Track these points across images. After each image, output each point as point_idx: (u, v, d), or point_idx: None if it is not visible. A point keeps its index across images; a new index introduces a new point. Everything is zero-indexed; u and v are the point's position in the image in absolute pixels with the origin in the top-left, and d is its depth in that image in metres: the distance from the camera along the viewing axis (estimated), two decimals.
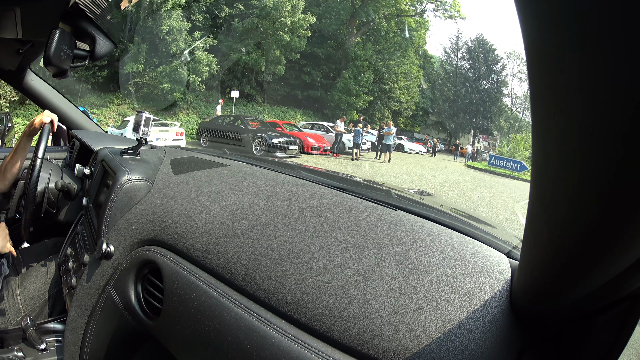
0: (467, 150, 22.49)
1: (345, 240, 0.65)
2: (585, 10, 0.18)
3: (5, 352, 0.99)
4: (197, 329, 0.63)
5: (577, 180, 0.24)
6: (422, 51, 26.50)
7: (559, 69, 0.21)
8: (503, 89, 27.57)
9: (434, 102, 27.36)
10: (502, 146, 23.96)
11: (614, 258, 0.27)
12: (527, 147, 22.52)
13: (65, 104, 1.86)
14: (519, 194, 10.31)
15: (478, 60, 27.23)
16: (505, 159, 19.58)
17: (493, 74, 27.41)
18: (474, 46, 27.53)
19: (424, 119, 27.36)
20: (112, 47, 1.08)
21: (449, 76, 28.09)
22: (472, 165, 19.72)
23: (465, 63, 27.91)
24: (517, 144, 22.50)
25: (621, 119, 0.19)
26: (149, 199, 0.97)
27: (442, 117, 27.75)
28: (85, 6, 1.02)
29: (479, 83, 27.36)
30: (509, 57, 27.28)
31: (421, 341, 0.46)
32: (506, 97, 27.94)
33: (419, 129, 27.01)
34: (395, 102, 24.05)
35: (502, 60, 27.33)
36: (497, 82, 27.39)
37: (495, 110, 27.36)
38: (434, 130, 28.13)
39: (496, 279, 0.53)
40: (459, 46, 27.76)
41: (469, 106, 27.23)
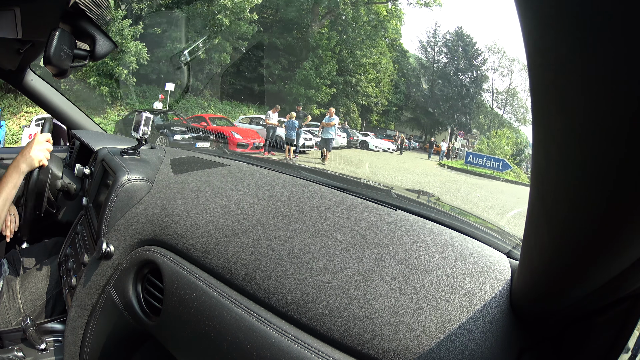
0: (442, 148, 20.58)
1: (345, 240, 0.65)
2: (586, 10, 0.18)
3: (5, 352, 0.99)
4: (197, 329, 0.63)
5: (578, 180, 0.24)
6: (398, 45, 25.31)
7: (559, 68, 0.21)
8: (483, 84, 26.57)
9: (409, 98, 26.28)
10: (482, 143, 22.55)
11: (614, 258, 0.27)
12: (509, 143, 21.18)
13: (65, 104, 1.86)
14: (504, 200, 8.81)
15: (457, 54, 26.15)
16: (484, 156, 17.78)
17: (473, 69, 26.36)
18: (452, 39, 26.40)
19: (397, 115, 26.12)
20: (112, 46, 1.08)
21: (425, 71, 26.95)
22: (446, 164, 18.24)
23: (442, 57, 26.77)
24: (498, 139, 20.94)
25: (622, 118, 0.19)
26: (148, 199, 0.97)
27: (417, 113, 26.67)
28: (85, 6, 1.02)
29: (457, 78, 26.32)
30: (490, 51, 26.27)
31: (421, 341, 0.46)
32: (486, 92, 26.94)
33: (393, 126, 25.97)
34: (363, 96, 22.09)
35: (483, 54, 26.33)
36: (477, 76, 26.41)
37: (475, 106, 26.41)
38: (409, 127, 27.04)
39: (496, 279, 0.53)
40: (436, 40, 26.66)
41: (446, 102, 26.18)
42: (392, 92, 24.66)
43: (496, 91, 26.59)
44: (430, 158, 20.29)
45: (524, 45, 0.23)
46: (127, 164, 1.08)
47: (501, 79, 28.44)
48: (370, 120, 24.11)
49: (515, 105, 26.10)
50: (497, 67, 26.42)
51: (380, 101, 23.63)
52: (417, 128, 27.07)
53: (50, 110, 1.84)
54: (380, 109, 24.12)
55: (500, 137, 21.30)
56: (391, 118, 25.61)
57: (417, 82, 26.87)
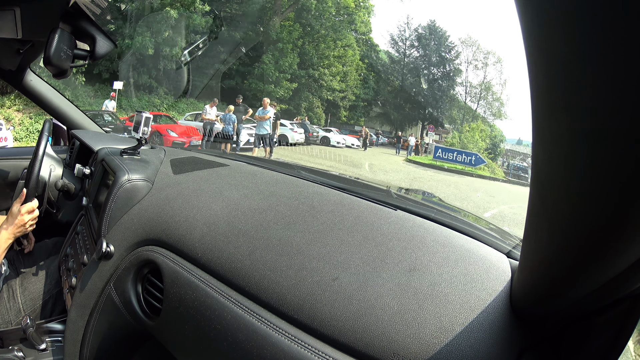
0: (410, 143, 19.58)
1: (345, 240, 0.65)
2: (585, 10, 0.18)
3: (5, 352, 0.99)
4: (197, 329, 0.63)
5: (578, 180, 0.24)
6: (368, 39, 24.46)
7: (560, 68, 0.21)
8: (456, 77, 25.97)
9: (378, 93, 25.58)
10: (454, 137, 21.32)
11: (614, 258, 0.27)
12: (483, 137, 20.01)
13: (65, 104, 1.86)
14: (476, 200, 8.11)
15: (428, 48, 25.45)
16: (455, 150, 16.73)
17: (445, 62, 25.70)
18: (424, 33, 25.75)
19: (366, 110, 25.25)
20: (112, 46, 1.08)
21: (396, 65, 26.20)
22: (413, 159, 17.38)
23: (414, 51, 26.06)
24: (471, 133, 19.74)
25: (622, 118, 0.19)
26: (148, 199, 0.97)
27: (386, 108, 26.00)
28: (85, 6, 1.02)
29: (429, 72, 25.66)
30: (464, 44, 25.67)
31: (421, 341, 0.46)
32: (460, 86, 26.23)
33: (363, 122, 25.02)
34: (327, 91, 21.26)
35: (456, 47, 25.72)
36: (450, 70, 25.80)
37: (447, 100, 25.75)
38: (379, 122, 26.34)
39: (496, 279, 0.53)
40: (408, 33, 25.99)
41: (417, 96, 25.51)
42: (360, 87, 23.87)
43: (470, 85, 26.15)
44: (399, 153, 19.52)
45: (524, 46, 0.23)
46: (127, 164, 1.08)
47: (475, 72, 27.70)
48: (340, 116, 23.28)
49: (490, 99, 25.57)
50: (470, 61, 25.92)
51: (347, 96, 22.79)
52: (387, 123, 26.37)
53: (50, 110, 1.84)
54: (347, 104, 23.29)
55: (474, 131, 20.12)
56: (359, 113, 24.78)
57: (386, 76, 26.19)
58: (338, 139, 17.57)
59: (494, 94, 25.51)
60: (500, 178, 16.92)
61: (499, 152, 22.27)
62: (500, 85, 25.50)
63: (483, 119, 24.02)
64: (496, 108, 25.47)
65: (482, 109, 25.77)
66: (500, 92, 25.45)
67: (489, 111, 25.66)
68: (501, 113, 25.32)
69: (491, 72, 27.49)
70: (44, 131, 1.23)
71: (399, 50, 26.30)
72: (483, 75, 25.74)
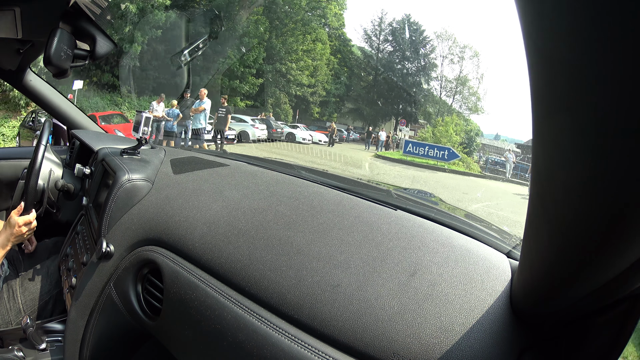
0: (380, 138, 18.76)
1: (345, 240, 0.65)
2: (586, 10, 0.18)
3: (5, 352, 0.99)
4: (197, 329, 0.63)
5: (577, 180, 0.24)
6: (340, 34, 23.77)
7: (559, 68, 0.21)
8: (431, 72, 25.23)
9: (350, 88, 24.78)
10: (426, 132, 20.34)
11: (614, 258, 0.27)
12: (458, 131, 19.30)
13: (65, 104, 1.86)
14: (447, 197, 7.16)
15: (403, 43, 24.81)
16: (426, 145, 15.95)
17: (420, 57, 25.05)
18: (398, 27, 25.04)
19: (338, 106, 24.43)
20: (112, 46, 1.08)
21: (369, 60, 25.53)
22: (382, 155, 16.53)
23: (387, 46, 25.30)
24: (445, 127, 19.00)
25: (622, 118, 0.19)
26: (149, 199, 0.97)
27: (359, 104, 25.28)
28: (85, 6, 1.02)
29: (403, 66, 25.04)
30: (440, 38, 24.89)
31: (421, 341, 0.46)
32: (434, 80, 25.45)
33: (336, 118, 24.20)
34: (296, 86, 20.27)
35: (432, 41, 24.93)
36: (425, 65, 25.09)
37: (422, 95, 25.17)
38: (351, 118, 25.48)
39: (496, 279, 0.53)
40: (382, 28, 25.10)
41: (390, 91, 24.90)
42: (331, 82, 23.10)
43: (445, 79, 25.43)
44: (368, 149, 18.86)
45: (524, 46, 0.23)
46: (127, 164, 1.08)
47: (451, 66, 27.25)
48: (312, 113, 22.59)
49: (466, 94, 24.96)
50: (446, 55, 25.15)
51: (317, 91, 22.01)
52: (360, 119, 25.70)
53: (50, 110, 1.84)
54: (317, 99, 22.49)
55: (447, 125, 19.27)
56: (331, 109, 23.98)
57: (359, 71, 25.60)
58: (304, 135, 16.81)
59: (471, 88, 25.09)
60: (476, 173, 16.38)
61: (475, 146, 21.68)
62: (477, 80, 25.11)
63: (459, 114, 23.48)
64: (472, 102, 25.01)
65: (458, 104, 25.32)
66: (477, 87, 25.08)
67: (465, 105, 25.21)
68: (477, 107, 24.86)
69: (468, 66, 26.98)
70: (44, 131, 1.23)
71: (372, 45, 25.69)
72: (459, 70, 25.30)
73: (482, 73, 25.06)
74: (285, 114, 20.80)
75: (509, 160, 16.15)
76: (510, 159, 16.21)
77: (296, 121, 20.97)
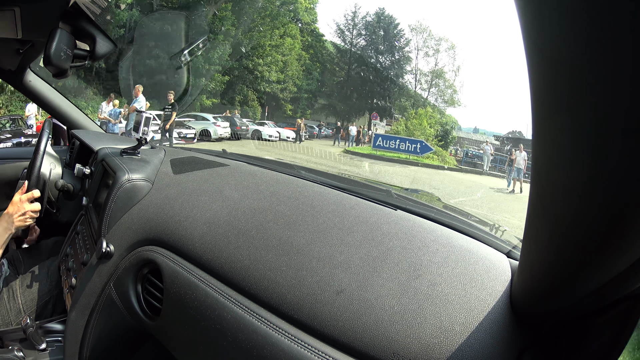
0: (351, 133, 18.22)
1: (345, 240, 0.65)
2: (586, 9, 0.18)
3: (5, 352, 0.99)
4: (197, 329, 0.63)
5: (577, 180, 0.24)
6: (313, 29, 23.34)
7: (559, 68, 0.21)
8: (406, 65, 24.94)
9: (323, 84, 24.40)
10: (399, 124, 19.39)
11: (614, 258, 0.27)
12: (432, 124, 18.51)
13: (65, 104, 1.86)
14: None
15: (376, 36, 24.50)
16: (397, 138, 15.15)
17: (394, 50, 24.72)
18: (372, 21, 24.73)
19: (310, 102, 23.85)
20: (112, 47, 1.08)
21: (342, 55, 25.17)
22: (352, 150, 15.93)
23: (361, 40, 25.04)
24: (418, 120, 18.18)
25: (622, 118, 0.19)
26: (148, 199, 0.97)
27: (332, 99, 24.82)
28: (85, 6, 1.02)
29: (377, 60, 24.73)
30: (414, 31, 24.55)
31: (421, 341, 0.46)
32: (409, 74, 25.11)
33: (309, 114, 23.97)
34: (264, 82, 19.84)
35: (406, 34, 24.64)
36: (399, 58, 24.80)
37: (396, 89, 24.76)
38: (324, 114, 25.14)
39: (496, 279, 0.53)
40: (355, 22, 24.77)
41: (363, 86, 24.50)
42: (302, 78, 22.53)
43: (420, 72, 25.10)
44: (338, 144, 18.32)
45: (524, 46, 0.23)
46: (127, 164, 1.08)
47: (426, 59, 26.75)
48: (285, 110, 22.09)
49: (442, 86, 24.61)
50: (421, 47, 24.77)
51: (287, 87, 21.45)
52: (333, 115, 25.20)
53: (50, 110, 1.84)
54: (288, 95, 21.94)
55: (421, 117, 18.49)
56: (303, 106, 23.43)
57: (332, 66, 25.18)
58: (271, 132, 16.60)
59: (447, 81, 24.75)
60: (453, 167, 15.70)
61: (451, 139, 21.09)
62: (453, 72, 24.71)
63: (433, 106, 22.98)
64: (449, 95, 24.59)
65: (434, 97, 24.92)
66: (453, 79, 24.69)
67: (441, 98, 24.80)
68: (454, 100, 24.42)
69: (443, 59, 26.71)
70: (44, 131, 1.23)
71: (345, 40, 25.35)
72: (434, 62, 25.00)
73: (458, 65, 24.76)
74: (254, 111, 20.25)
75: (486, 153, 15.67)
76: (487, 151, 15.70)
77: (265, 118, 20.43)
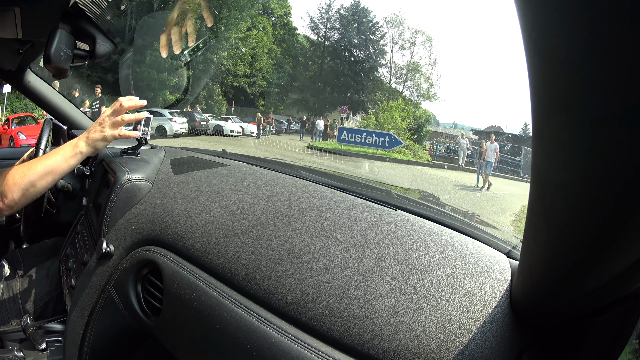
0: (318, 127, 17.32)
1: (345, 240, 0.65)
2: (586, 9, 0.18)
3: (5, 352, 0.99)
4: (197, 329, 0.63)
5: (577, 180, 0.24)
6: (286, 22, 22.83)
7: (559, 68, 0.21)
8: (381, 59, 24.46)
9: (295, 78, 23.89)
10: (369, 118, 18.57)
11: (614, 258, 0.27)
12: (405, 117, 17.56)
13: (65, 104, 1.86)
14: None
15: (350, 29, 24.02)
16: (363, 131, 14.21)
17: (368, 43, 24.22)
18: (346, 14, 24.28)
19: (281, 97, 23.26)
20: (112, 47, 1.08)
21: (315, 49, 24.69)
22: (315, 145, 15.09)
23: (335, 33, 24.49)
24: (390, 112, 17.24)
25: (622, 118, 0.19)
26: (149, 199, 0.97)
27: (304, 94, 24.32)
28: (85, 6, 1.02)
29: (351, 54, 24.20)
30: (390, 24, 24.11)
31: (421, 341, 0.46)
32: (384, 67, 24.61)
33: (282, 109, 23.34)
34: (230, 76, 19.37)
35: (382, 27, 24.21)
36: (374, 52, 24.32)
37: (370, 83, 24.31)
38: (295, 109, 24.45)
39: (496, 279, 0.53)
40: (329, 15, 24.31)
41: (337, 80, 24.04)
42: (273, 72, 21.97)
43: (395, 65, 24.56)
44: (302, 139, 17.64)
45: (524, 46, 0.23)
46: (127, 164, 1.08)
47: (401, 52, 26.05)
48: (258, 105, 21.49)
49: (418, 80, 24.03)
50: (396, 40, 24.26)
51: (257, 81, 20.88)
52: (306, 110, 24.59)
53: (50, 110, 1.84)
54: (257, 90, 21.34)
55: (393, 110, 17.58)
56: (273, 100, 22.86)
57: (305, 60, 24.71)
58: (233, 127, 16.10)
59: (423, 74, 24.22)
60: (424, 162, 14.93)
61: (425, 133, 20.25)
62: (429, 65, 24.14)
63: (409, 101, 22.39)
64: (425, 89, 24.03)
65: (409, 91, 24.34)
66: (429, 72, 24.16)
67: (417, 92, 24.23)
68: (430, 94, 23.83)
69: (420, 52, 26.17)
70: (44, 131, 1.23)
71: (319, 33, 24.86)
72: (410, 55, 24.51)
73: (435, 58, 24.24)
74: (219, 106, 19.73)
75: (462, 147, 15.00)
76: (463, 144, 15.02)
77: (232, 113, 19.84)
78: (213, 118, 16.94)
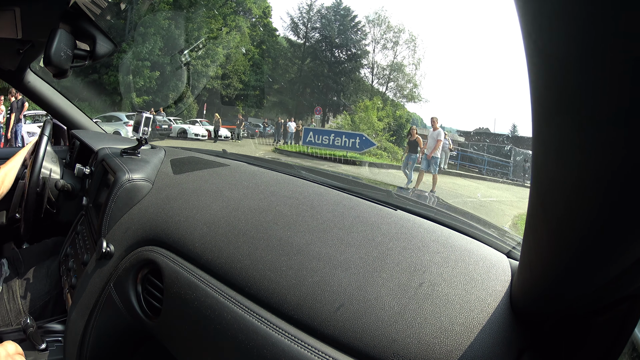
0: (289, 129, 16.47)
1: (345, 240, 0.65)
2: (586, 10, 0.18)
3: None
4: (197, 329, 0.63)
5: (577, 181, 0.24)
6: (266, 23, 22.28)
7: (559, 68, 0.21)
8: (363, 59, 23.91)
9: (274, 80, 23.39)
10: (344, 118, 17.47)
11: (614, 258, 0.27)
12: (382, 117, 16.65)
13: (65, 104, 1.86)
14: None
15: (331, 30, 23.51)
16: (331, 132, 12.92)
17: (350, 44, 23.70)
18: (327, 13, 23.84)
19: (259, 99, 22.36)
20: (112, 47, 1.08)
21: (295, 50, 24.13)
22: (281, 148, 14.60)
23: (315, 34, 23.93)
24: (366, 112, 16.11)
25: (622, 118, 0.19)
26: (149, 199, 0.97)
27: (283, 96, 23.79)
28: (85, 6, 1.02)
29: (332, 55, 23.70)
30: (372, 23, 23.56)
31: (421, 341, 0.46)
32: (366, 67, 24.05)
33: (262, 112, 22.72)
34: (202, 78, 18.57)
35: (364, 27, 23.70)
36: (356, 52, 23.78)
37: (352, 84, 23.68)
38: (274, 112, 23.65)
39: (496, 279, 0.53)
40: (310, 15, 23.74)
41: (317, 82, 23.39)
42: (249, 74, 21.10)
43: (377, 65, 23.98)
44: (277, 142, 16.93)
45: (524, 46, 0.23)
46: (128, 164, 1.08)
47: (384, 52, 25.49)
48: (238, 109, 20.82)
49: (402, 81, 23.43)
50: (378, 40, 23.66)
51: (232, 83, 20.13)
52: (285, 112, 23.56)
53: (50, 110, 1.84)
54: (233, 92, 20.56)
55: (368, 109, 16.39)
56: (250, 102, 22.01)
57: (285, 62, 24.07)
58: (197, 131, 15.77)
59: (406, 75, 23.59)
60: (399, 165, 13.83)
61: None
62: (413, 65, 23.52)
63: (391, 101, 21.76)
64: (409, 90, 23.36)
65: (392, 91, 23.73)
66: (413, 73, 23.53)
67: (400, 93, 23.60)
68: (414, 95, 23.16)
69: (403, 51, 25.23)
70: (44, 131, 1.23)
71: (299, 34, 24.30)
72: (393, 55, 23.90)
73: (418, 58, 23.60)
74: (189, 109, 18.98)
75: (444, 148, 14.59)
76: (445, 146, 14.50)
77: (203, 116, 19.28)
78: (179, 121, 16.36)
